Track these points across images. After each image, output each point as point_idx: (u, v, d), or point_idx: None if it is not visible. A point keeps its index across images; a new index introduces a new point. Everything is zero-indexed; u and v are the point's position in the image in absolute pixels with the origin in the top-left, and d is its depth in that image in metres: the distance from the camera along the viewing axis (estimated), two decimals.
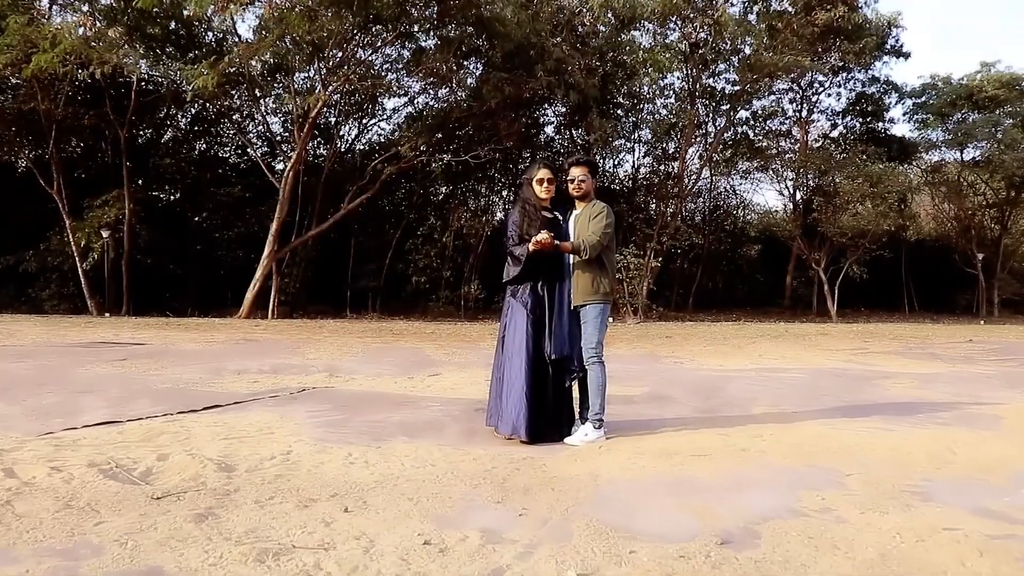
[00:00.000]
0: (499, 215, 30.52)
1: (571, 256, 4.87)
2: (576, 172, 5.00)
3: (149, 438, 4.35)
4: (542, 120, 29.48)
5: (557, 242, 4.69)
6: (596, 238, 4.77)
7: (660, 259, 26.34)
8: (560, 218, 5.05)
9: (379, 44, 23.70)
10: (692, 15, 24.96)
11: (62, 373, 7.79)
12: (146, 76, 24.55)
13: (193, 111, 28.30)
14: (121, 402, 5.77)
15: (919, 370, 10.60)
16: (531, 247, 4.65)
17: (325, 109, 26.71)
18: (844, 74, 31.51)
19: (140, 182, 26.66)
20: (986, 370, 10.72)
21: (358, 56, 23.77)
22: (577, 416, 5.00)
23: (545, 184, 4.95)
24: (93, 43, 18.66)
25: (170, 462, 3.73)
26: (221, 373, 8.14)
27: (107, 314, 22.72)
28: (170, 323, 19.03)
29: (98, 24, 19.95)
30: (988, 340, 19.46)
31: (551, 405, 4.78)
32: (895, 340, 19.11)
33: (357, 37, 22.75)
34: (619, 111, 29.03)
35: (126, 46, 21.14)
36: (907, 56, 30.68)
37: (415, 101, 27.42)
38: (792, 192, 33.88)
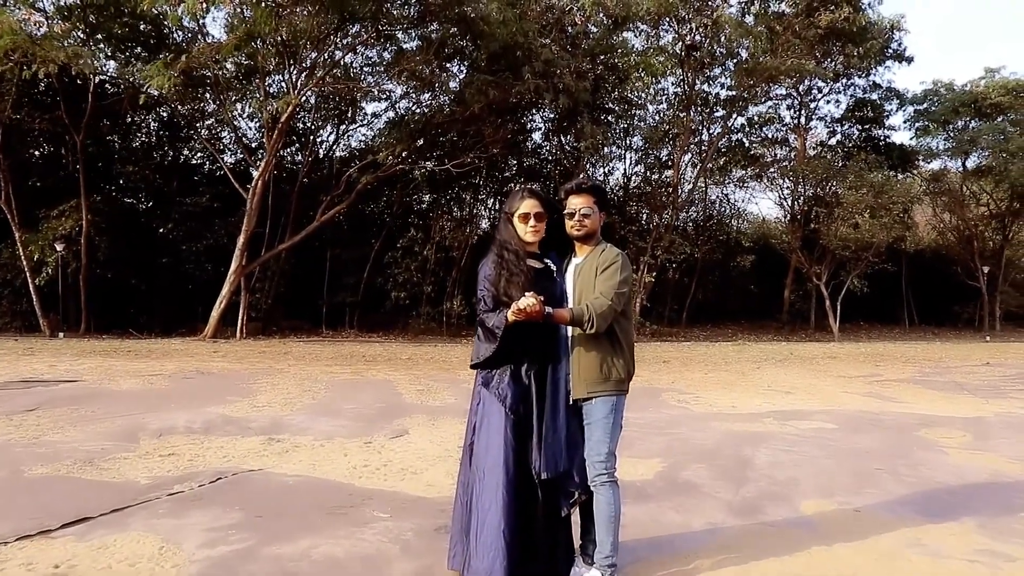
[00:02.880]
0: (484, 224, 29.06)
1: (570, 327, 3.38)
2: (577, 202, 3.46)
3: None
4: (529, 126, 28.04)
5: (549, 309, 3.15)
6: (607, 303, 3.25)
7: (654, 274, 24.92)
8: (554, 268, 3.53)
9: (356, 45, 22.22)
10: (687, 16, 23.69)
11: None
12: (105, 77, 22.90)
13: (165, 116, 26.64)
14: None
15: (956, 411, 9.62)
16: (511, 316, 3.12)
17: (302, 114, 25.18)
18: (844, 80, 30.37)
19: (105, 190, 24.95)
20: None
21: (335, 58, 22.28)
22: (578, 550, 3.52)
23: (532, 221, 3.41)
24: (38, 40, 17.00)
25: None
26: (136, 437, 6.60)
27: (61, 334, 21.04)
28: (120, 348, 17.39)
29: (48, 21, 18.32)
30: (1005, 363, 18.76)
31: (540, 544, 3.26)
32: (908, 363, 18.13)
33: (333, 37, 21.28)
34: (610, 117, 27.65)
35: (83, 45, 19.57)
36: (910, 60, 29.64)
37: (396, 106, 25.95)
38: (791, 203, 32.56)
